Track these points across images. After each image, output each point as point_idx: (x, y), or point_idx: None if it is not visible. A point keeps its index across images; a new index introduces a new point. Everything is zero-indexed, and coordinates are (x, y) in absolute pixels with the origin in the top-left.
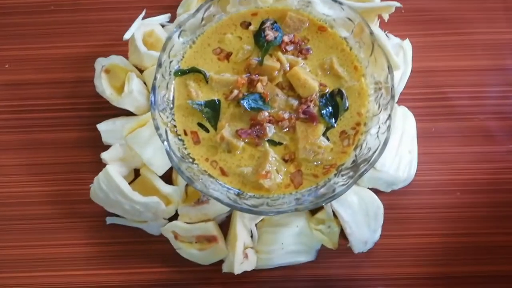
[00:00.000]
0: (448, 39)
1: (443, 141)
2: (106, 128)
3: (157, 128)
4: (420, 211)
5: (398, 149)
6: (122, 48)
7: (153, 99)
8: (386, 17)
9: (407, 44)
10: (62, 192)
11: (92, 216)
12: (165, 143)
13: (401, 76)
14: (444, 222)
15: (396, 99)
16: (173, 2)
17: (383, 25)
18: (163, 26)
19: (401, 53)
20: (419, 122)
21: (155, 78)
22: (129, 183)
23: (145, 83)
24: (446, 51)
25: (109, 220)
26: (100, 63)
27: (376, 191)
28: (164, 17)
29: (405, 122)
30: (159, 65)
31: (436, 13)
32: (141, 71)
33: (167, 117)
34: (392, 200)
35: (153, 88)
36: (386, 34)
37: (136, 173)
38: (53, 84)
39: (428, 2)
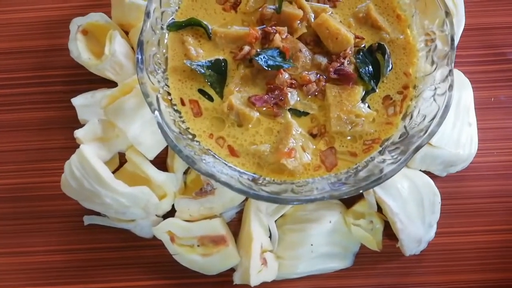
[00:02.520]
0: None
1: (505, 113)
2: (83, 102)
3: (146, 95)
4: (482, 201)
5: (455, 121)
6: (103, 9)
7: (139, 57)
8: None
9: None
10: (28, 185)
11: (66, 216)
12: (157, 113)
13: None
14: None
15: None
16: None
17: None
18: None
19: (450, 3)
20: (476, 90)
21: (142, 31)
22: (112, 173)
23: (132, 47)
24: (504, 4)
25: (88, 220)
26: (76, 23)
27: (428, 176)
28: None
29: (461, 90)
30: (147, 14)
31: None
32: (127, 33)
33: (159, 82)
34: (448, 187)
35: (140, 43)
36: None
37: (122, 159)
38: (18, 54)
39: None
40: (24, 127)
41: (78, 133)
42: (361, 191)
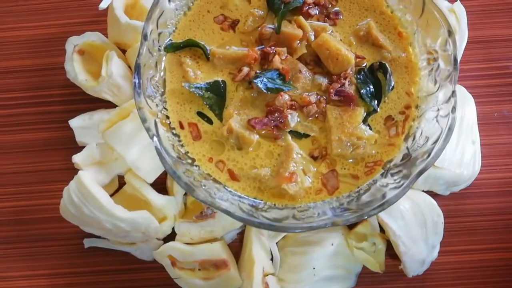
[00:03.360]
0: (508, 1)
1: (509, 128)
2: (80, 124)
3: (143, 120)
4: (486, 219)
5: (459, 139)
6: (100, 26)
7: (137, 81)
8: None
9: (459, 7)
10: (28, 208)
11: (66, 238)
12: (155, 139)
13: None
14: None
15: None
16: None
17: None
18: None
19: (452, 19)
20: (479, 105)
21: (139, 54)
22: (111, 195)
23: (129, 67)
24: (507, 16)
25: (88, 242)
26: (72, 42)
27: (430, 194)
28: None
29: (464, 106)
30: (144, 37)
31: None
32: (124, 52)
33: (157, 105)
34: (450, 204)
35: (137, 67)
36: None
37: (121, 181)
38: (15, 74)
39: None
40: (23, 149)
41: (76, 158)
42: (364, 218)
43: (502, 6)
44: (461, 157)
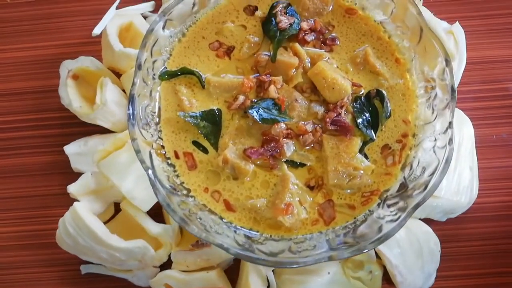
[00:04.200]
0: (508, 20)
1: (507, 151)
2: (75, 150)
3: (137, 152)
4: (482, 243)
5: (456, 165)
6: (95, 47)
7: (131, 112)
8: None
9: (458, 29)
10: (25, 233)
11: (64, 264)
12: (150, 172)
13: (455, 72)
14: None
15: None
16: None
17: (425, 6)
18: (145, 17)
19: (451, 41)
20: (477, 128)
21: (133, 84)
22: (108, 220)
23: (124, 90)
24: (507, 36)
25: (85, 269)
26: (66, 66)
27: (427, 220)
28: (146, 6)
29: (461, 130)
30: (139, 66)
31: None
32: (118, 75)
33: (152, 135)
34: (447, 229)
35: (131, 97)
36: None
37: (117, 207)
38: (11, 96)
39: None
40: (19, 173)
41: (71, 188)
42: (360, 253)
43: (502, 26)
44: (459, 185)
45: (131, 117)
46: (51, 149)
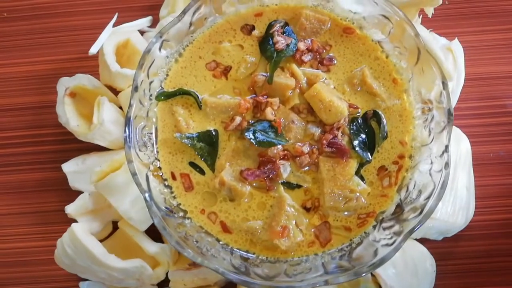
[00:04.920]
0: (507, 36)
1: (504, 169)
2: (73, 168)
3: (134, 175)
4: (479, 261)
5: (452, 186)
6: (92, 62)
7: (127, 134)
8: (430, 12)
9: (456, 46)
10: (24, 250)
11: (62, 281)
12: (146, 195)
13: (453, 89)
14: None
15: None
16: (156, 1)
17: (424, 23)
18: (142, 33)
19: (449, 57)
20: (474, 145)
21: (129, 106)
22: (106, 238)
23: (121, 108)
24: (505, 52)
25: (83, 286)
26: (63, 84)
27: (423, 239)
28: (143, 22)
29: (458, 148)
30: (135, 88)
31: (490, 4)
32: (116, 92)
33: (149, 157)
34: (444, 248)
35: (128, 120)
36: (429, 32)
37: (115, 223)
38: (10, 112)
39: None
40: (18, 189)
41: (69, 209)
42: (356, 277)
43: (500, 42)
44: (455, 206)
45: (127, 139)
46: (49, 166)
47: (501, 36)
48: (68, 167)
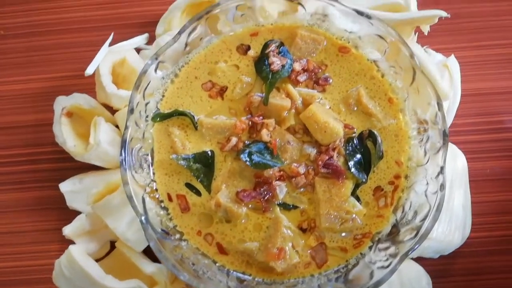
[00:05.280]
0: (504, 51)
1: (501, 185)
2: (70, 188)
3: (130, 198)
4: (476, 278)
5: (448, 205)
6: (89, 80)
7: (123, 157)
8: (426, 29)
9: (453, 62)
10: (21, 269)
11: None
12: (142, 218)
13: (449, 106)
14: None
15: None
16: (152, 18)
17: (420, 39)
18: (139, 50)
19: (446, 74)
20: (471, 161)
21: (126, 128)
22: (103, 257)
23: (117, 126)
24: (502, 68)
25: None
26: (60, 103)
27: (419, 257)
28: (139, 39)
29: (455, 165)
30: (131, 110)
31: (486, 19)
32: (113, 110)
33: (145, 178)
34: (440, 265)
35: (123, 143)
36: (424, 50)
37: (113, 242)
38: (6, 130)
39: (473, 4)
40: (15, 208)
41: (66, 230)
42: None
43: (497, 57)
44: (451, 225)
45: (123, 162)
46: (46, 184)
47: (497, 51)
48: (65, 187)
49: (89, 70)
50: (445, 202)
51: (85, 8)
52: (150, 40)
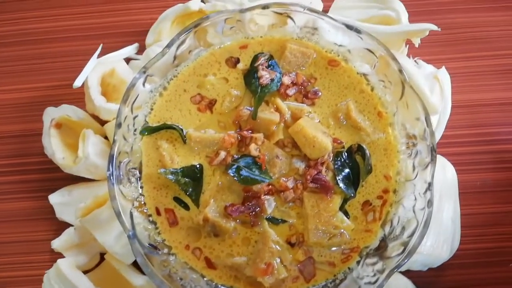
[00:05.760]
0: (494, 63)
1: (491, 197)
2: (59, 200)
3: (118, 214)
4: None
5: (437, 218)
6: (80, 89)
7: (111, 172)
8: (417, 42)
9: (443, 74)
10: (10, 279)
11: None
12: (130, 233)
13: (439, 119)
14: None
15: None
16: (143, 26)
17: (411, 49)
18: (129, 59)
19: (436, 86)
20: (460, 173)
21: (113, 142)
22: (93, 268)
23: (106, 137)
24: (492, 79)
25: None
26: (49, 115)
27: (407, 270)
28: (129, 50)
29: (444, 178)
30: (119, 125)
31: (478, 30)
32: (102, 121)
33: (133, 192)
34: (429, 277)
35: (111, 158)
36: (415, 61)
37: (102, 254)
38: None
39: (464, 15)
40: (5, 219)
41: (55, 244)
42: None
43: (486, 68)
44: (440, 239)
45: (111, 177)
46: (36, 195)
47: (486, 62)
48: (54, 199)
49: (77, 83)
50: (434, 215)
51: (75, 17)
52: (141, 50)
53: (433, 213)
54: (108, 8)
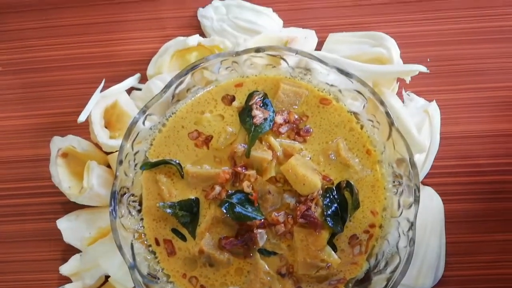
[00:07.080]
0: (483, 95)
1: (476, 227)
2: (67, 225)
3: (119, 247)
4: None
5: (422, 246)
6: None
7: (112, 208)
8: (408, 79)
9: (434, 108)
10: None
11: None
12: (130, 264)
13: (427, 155)
14: None
15: (420, 179)
16: (144, 56)
17: (402, 82)
18: (131, 89)
19: (426, 121)
20: (447, 203)
21: (115, 178)
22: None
23: (110, 167)
24: (478, 111)
25: None
26: (56, 144)
27: None
28: (131, 81)
29: (431, 208)
30: (120, 162)
31: (467, 62)
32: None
33: (134, 224)
34: None
35: (113, 194)
36: (407, 94)
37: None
38: (4, 164)
39: (455, 47)
40: (14, 239)
41: (63, 269)
42: None
43: (474, 100)
44: (423, 270)
45: (113, 212)
46: (45, 217)
47: (474, 95)
48: (62, 224)
49: (81, 118)
50: (419, 245)
51: (80, 46)
52: (142, 78)
53: (419, 242)
54: (111, 37)
